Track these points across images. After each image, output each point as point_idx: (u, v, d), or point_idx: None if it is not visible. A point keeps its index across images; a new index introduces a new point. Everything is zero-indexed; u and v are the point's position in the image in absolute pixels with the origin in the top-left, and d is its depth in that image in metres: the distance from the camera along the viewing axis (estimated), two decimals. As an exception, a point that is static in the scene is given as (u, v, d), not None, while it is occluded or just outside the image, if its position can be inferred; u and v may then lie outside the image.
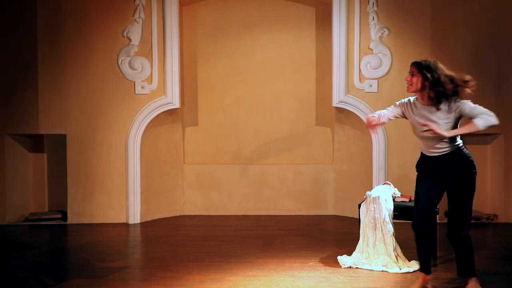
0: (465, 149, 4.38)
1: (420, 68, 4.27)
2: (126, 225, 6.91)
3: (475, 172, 4.37)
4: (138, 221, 7.00)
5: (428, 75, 4.22)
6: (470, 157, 4.38)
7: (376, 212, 4.99)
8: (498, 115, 6.77)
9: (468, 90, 4.23)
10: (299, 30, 7.54)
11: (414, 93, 4.33)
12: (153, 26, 6.95)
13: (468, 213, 4.35)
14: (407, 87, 4.32)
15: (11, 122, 6.96)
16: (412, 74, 4.29)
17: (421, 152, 4.42)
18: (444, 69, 4.30)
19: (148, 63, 6.97)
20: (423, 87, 4.24)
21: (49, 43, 6.90)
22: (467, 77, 4.25)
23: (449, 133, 4.20)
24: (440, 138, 4.25)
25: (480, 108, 4.22)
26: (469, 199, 4.36)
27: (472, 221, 6.85)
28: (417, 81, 4.26)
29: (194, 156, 7.62)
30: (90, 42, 6.93)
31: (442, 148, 4.31)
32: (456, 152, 4.32)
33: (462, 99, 4.21)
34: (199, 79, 7.57)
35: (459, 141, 4.36)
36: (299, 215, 7.41)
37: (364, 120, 6.91)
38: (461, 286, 4.45)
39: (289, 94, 7.60)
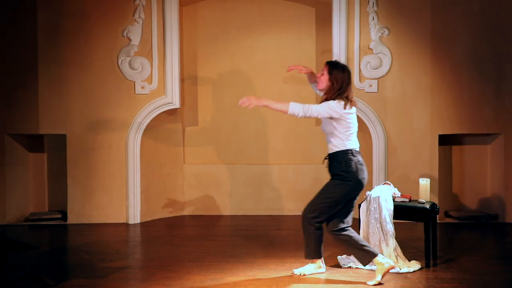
0: (351, 157, 4.51)
1: (330, 70, 4.56)
2: (126, 225, 6.91)
3: (347, 180, 4.50)
4: (138, 221, 7.00)
5: (334, 79, 4.54)
6: (350, 164, 4.50)
7: (376, 212, 4.99)
8: (498, 115, 6.87)
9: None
10: (299, 30, 7.54)
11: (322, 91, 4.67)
12: (153, 26, 6.94)
13: (316, 203, 4.63)
14: (317, 84, 4.65)
15: (11, 122, 6.96)
16: (322, 74, 4.59)
17: None
18: (350, 78, 4.61)
19: (148, 63, 6.97)
20: (330, 88, 4.53)
21: (49, 43, 6.90)
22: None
23: (259, 101, 4.59)
24: (327, 137, 4.56)
25: (323, 104, 4.49)
26: (326, 195, 4.58)
27: (472, 221, 6.90)
28: (325, 80, 4.58)
29: (194, 156, 7.62)
30: (90, 42, 6.93)
31: (330, 148, 4.58)
32: (341, 155, 4.52)
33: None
34: (199, 79, 7.57)
35: (349, 146, 4.52)
36: (299, 215, 7.38)
37: (364, 119, 6.92)
38: (461, 286, 4.45)
39: (289, 94, 7.59)
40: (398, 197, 5.15)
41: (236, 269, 4.93)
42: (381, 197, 5.03)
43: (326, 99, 4.54)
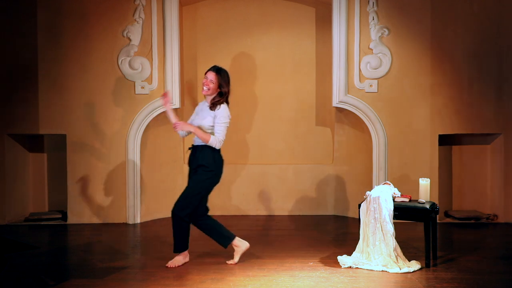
0: (215, 151, 5.00)
1: (218, 76, 5.07)
2: (126, 225, 6.91)
3: (210, 171, 4.96)
4: (138, 221, 7.00)
5: (224, 84, 5.09)
6: (214, 157, 4.99)
7: (376, 212, 4.99)
8: (498, 115, 6.88)
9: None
10: (299, 30, 7.54)
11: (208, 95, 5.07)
12: (153, 26, 6.95)
13: (185, 197, 4.96)
14: (204, 90, 5.04)
15: (11, 122, 6.96)
16: (210, 81, 5.02)
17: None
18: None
19: (148, 63, 6.97)
20: (222, 92, 5.07)
21: (49, 43, 6.90)
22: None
23: (188, 126, 4.95)
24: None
25: (217, 127, 4.98)
26: (196, 190, 4.97)
27: (472, 221, 6.90)
28: (215, 87, 5.06)
29: (194, 156, 7.60)
30: (90, 42, 6.93)
31: (199, 141, 5.00)
32: (209, 149, 4.97)
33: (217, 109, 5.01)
34: (199, 79, 7.57)
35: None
36: (299, 215, 7.41)
37: (364, 119, 6.92)
38: (461, 286, 4.45)
39: (289, 94, 7.60)
40: (398, 197, 5.15)
41: (236, 269, 4.93)
42: (381, 197, 5.03)
43: (219, 102, 5.04)
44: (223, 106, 5.05)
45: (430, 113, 6.91)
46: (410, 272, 4.82)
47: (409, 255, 5.17)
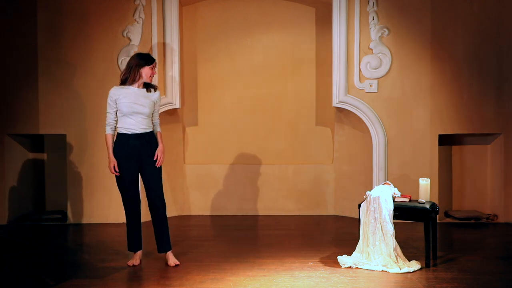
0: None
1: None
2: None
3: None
4: (138, 221, 6.99)
5: None
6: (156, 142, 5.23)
7: (376, 212, 5.00)
8: (498, 115, 6.88)
9: None
10: (299, 30, 7.54)
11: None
12: (153, 26, 6.94)
13: (161, 186, 5.27)
14: (151, 78, 5.14)
15: (11, 122, 6.96)
16: (154, 68, 5.15)
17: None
18: None
19: (148, 63, 6.95)
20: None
21: (49, 43, 6.90)
22: None
23: (163, 149, 5.17)
24: (144, 118, 5.05)
25: (157, 113, 5.26)
26: (160, 176, 5.25)
27: (472, 221, 6.90)
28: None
29: (194, 156, 7.62)
30: (90, 42, 6.93)
31: (144, 128, 5.11)
32: (153, 134, 5.18)
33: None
34: (199, 79, 7.57)
35: None
36: (299, 215, 7.41)
37: (364, 119, 6.93)
38: (461, 286, 4.45)
39: (289, 94, 7.60)
40: (398, 197, 5.15)
41: (236, 269, 4.93)
42: (381, 197, 5.03)
43: (154, 86, 5.17)
44: (158, 91, 5.19)
45: (430, 113, 6.91)
46: (410, 272, 4.82)
47: (409, 255, 5.17)
